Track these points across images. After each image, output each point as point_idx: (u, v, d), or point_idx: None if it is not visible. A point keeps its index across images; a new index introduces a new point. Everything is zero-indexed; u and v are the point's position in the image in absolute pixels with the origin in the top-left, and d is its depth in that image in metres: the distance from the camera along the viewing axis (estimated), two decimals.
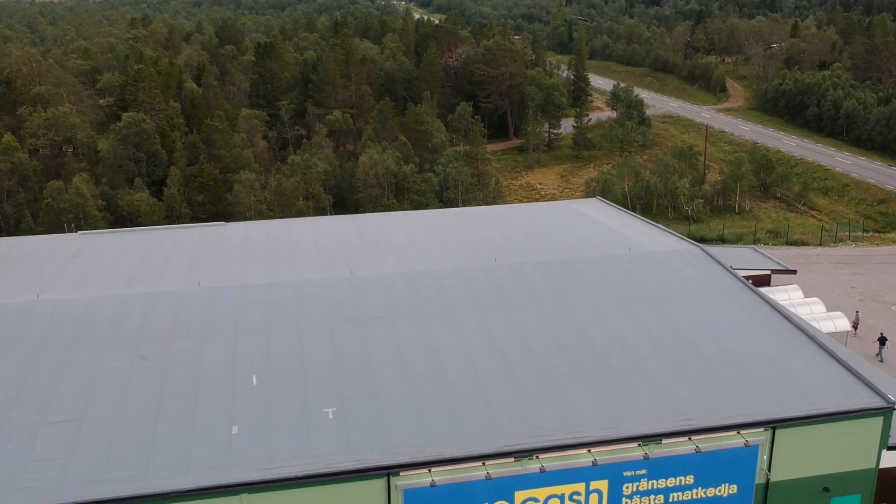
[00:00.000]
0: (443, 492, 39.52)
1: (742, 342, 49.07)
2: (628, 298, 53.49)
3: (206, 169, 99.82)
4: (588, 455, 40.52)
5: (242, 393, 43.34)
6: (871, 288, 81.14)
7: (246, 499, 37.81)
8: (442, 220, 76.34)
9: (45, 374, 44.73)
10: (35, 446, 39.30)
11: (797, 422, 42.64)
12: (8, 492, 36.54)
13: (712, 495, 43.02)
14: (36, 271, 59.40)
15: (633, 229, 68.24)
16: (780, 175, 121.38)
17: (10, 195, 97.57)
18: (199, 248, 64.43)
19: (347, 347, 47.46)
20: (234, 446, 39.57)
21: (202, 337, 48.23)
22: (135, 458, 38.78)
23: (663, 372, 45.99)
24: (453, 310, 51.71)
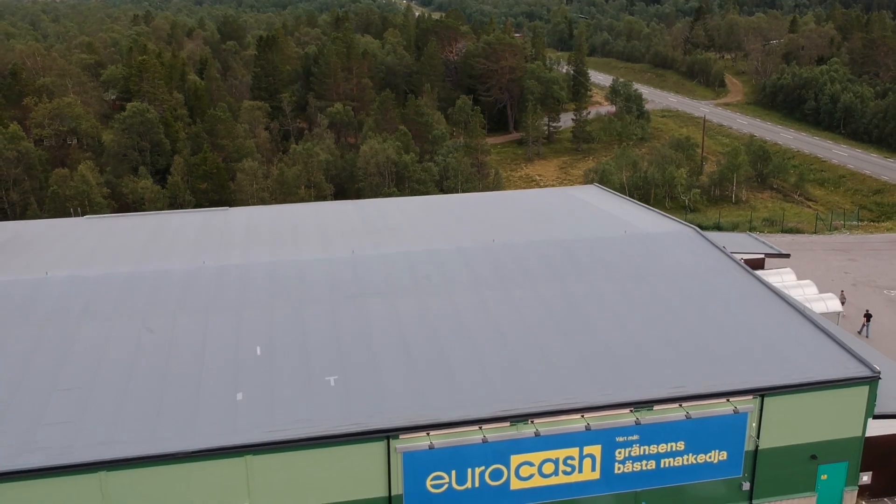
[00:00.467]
0: (441, 455, 40.86)
1: (732, 316, 50.35)
2: (622, 276, 54.72)
3: (209, 157, 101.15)
4: (581, 420, 41.83)
5: (246, 363, 44.65)
6: (864, 273, 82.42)
7: (250, 460, 39.16)
8: (441, 204, 77.63)
9: (55, 345, 46.01)
10: (47, 411, 40.65)
11: (785, 390, 43.93)
12: (22, 452, 37.90)
13: (703, 461, 44.31)
14: (44, 251, 60.71)
15: (629, 213, 69.50)
16: (776, 166, 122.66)
17: (17, 183, 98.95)
18: (204, 231, 65.70)
19: (348, 321, 48.72)
20: (239, 411, 40.90)
21: (207, 312, 49.51)
22: (142, 421, 40.12)
23: (655, 344, 47.28)
24: (452, 287, 52.96)
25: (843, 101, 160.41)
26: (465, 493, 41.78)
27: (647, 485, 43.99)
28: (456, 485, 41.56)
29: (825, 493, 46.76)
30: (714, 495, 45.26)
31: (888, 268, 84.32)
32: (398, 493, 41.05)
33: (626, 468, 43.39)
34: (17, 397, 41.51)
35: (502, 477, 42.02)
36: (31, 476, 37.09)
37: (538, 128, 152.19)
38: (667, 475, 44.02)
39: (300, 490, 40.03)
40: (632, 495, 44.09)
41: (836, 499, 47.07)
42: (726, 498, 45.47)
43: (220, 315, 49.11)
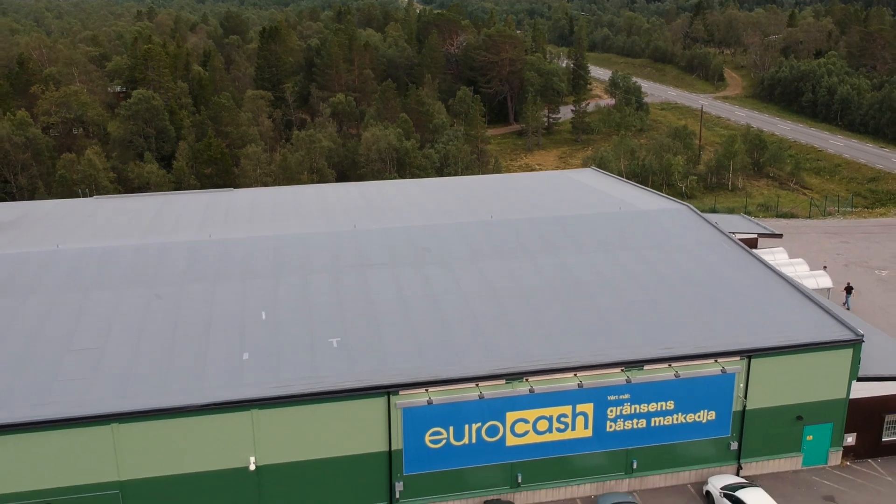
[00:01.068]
0: (439, 411, 42.50)
1: (722, 284, 51.94)
2: (616, 248, 56.30)
3: (213, 143, 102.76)
4: (574, 379, 43.47)
5: (252, 326, 46.29)
6: (857, 254, 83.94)
7: (256, 414, 40.80)
8: (441, 185, 79.23)
9: (67, 311, 47.63)
10: (61, 369, 42.31)
11: (771, 352, 45.54)
12: (37, 405, 39.57)
13: (692, 421, 45.93)
14: (54, 227, 62.37)
15: (625, 193, 71.05)
16: (772, 154, 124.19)
17: (25, 168, 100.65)
18: (209, 209, 67.30)
19: (350, 289, 50.32)
20: (245, 369, 42.55)
21: (214, 280, 51.12)
22: (152, 378, 41.78)
23: (646, 309, 48.89)
24: (450, 258, 54.55)
25: (840, 93, 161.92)
26: (463, 448, 43.40)
27: (638, 443, 45.60)
28: (454, 440, 43.18)
29: (811, 454, 48.37)
30: (703, 455, 46.86)
31: (880, 249, 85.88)
32: (398, 447, 42.68)
33: (617, 426, 44.99)
34: (32, 357, 43.15)
35: (498, 433, 43.63)
36: (49, 427, 38.78)
37: (538, 118, 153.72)
38: (657, 434, 45.62)
39: (304, 444, 41.64)
40: (623, 453, 45.70)
41: (822, 459, 48.68)
42: (715, 457, 47.08)
43: (226, 283, 50.72)
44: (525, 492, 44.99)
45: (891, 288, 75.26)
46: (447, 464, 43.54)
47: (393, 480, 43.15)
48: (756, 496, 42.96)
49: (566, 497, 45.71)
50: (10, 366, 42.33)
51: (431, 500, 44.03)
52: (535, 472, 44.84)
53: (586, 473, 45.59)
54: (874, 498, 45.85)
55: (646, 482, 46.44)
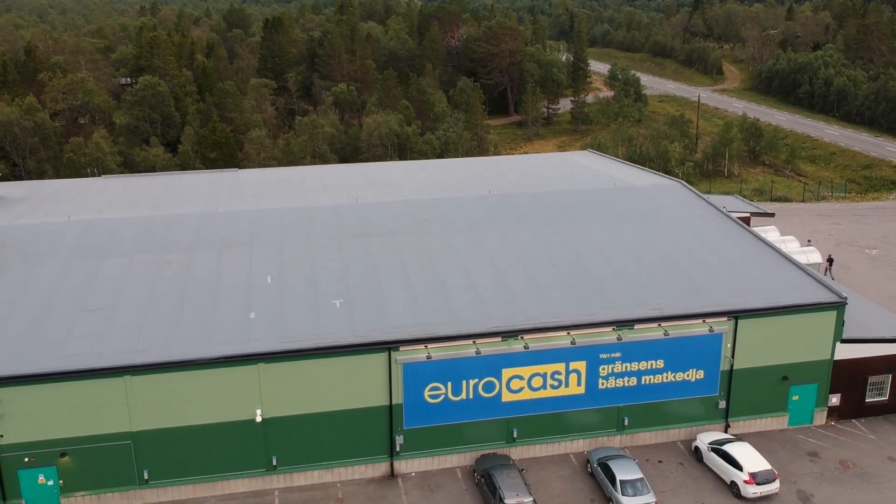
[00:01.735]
0: (438, 366, 44.27)
1: (711, 251, 53.75)
2: (610, 220, 58.10)
3: (218, 127, 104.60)
4: (567, 337, 45.24)
5: (258, 289, 48.11)
6: (848, 235, 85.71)
7: (263, 368, 42.60)
8: (441, 165, 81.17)
9: (80, 275, 49.45)
10: (75, 327, 44.13)
11: (757, 313, 47.31)
12: (53, 358, 41.41)
13: (681, 379, 47.69)
14: (64, 202, 64.14)
15: (621, 171, 72.83)
16: (768, 142, 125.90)
17: (33, 152, 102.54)
18: (215, 186, 69.13)
19: (353, 255, 52.13)
20: (252, 327, 44.36)
21: (221, 247, 52.95)
22: (163, 335, 43.60)
23: (638, 274, 50.69)
24: (449, 228, 56.37)
25: (837, 85, 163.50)
26: (461, 403, 45.18)
27: (630, 400, 47.36)
28: (452, 395, 44.95)
29: (796, 414, 50.12)
30: (692, 413, 48.62)
31: (870, 230, 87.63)
32: (398, 402, 44.46)
33: (609, 384, 46.75)
34: (47, 316, 44.97)
35: (494, 389, 45.40)
36: (64, 378, 40.57)
37: (537, 109, 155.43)
38: (647, 392, 47.38)
39: (308, 398, 43.42)
40: (615, 410, 47.46)
41: (807, 419, 50.43)
42: (704, 416, 48.84)
43: (233, 250, 52.55)
44: (520, 447, 46.75)
45: (879, 266, 77.03)
46: (446, 418, 45.30)
47: (394, 434, 44.92)
48: (743, 450, 44.72)
49: (560, 452, 47.49)
50: (26, 323, 44.17)
51: (430, 454, 45.79)
52: (530, 428, 46.61)
53: (579, 430, 47.36)
54: (856, 454, 47.64)
55: (637, 439, 48.22)
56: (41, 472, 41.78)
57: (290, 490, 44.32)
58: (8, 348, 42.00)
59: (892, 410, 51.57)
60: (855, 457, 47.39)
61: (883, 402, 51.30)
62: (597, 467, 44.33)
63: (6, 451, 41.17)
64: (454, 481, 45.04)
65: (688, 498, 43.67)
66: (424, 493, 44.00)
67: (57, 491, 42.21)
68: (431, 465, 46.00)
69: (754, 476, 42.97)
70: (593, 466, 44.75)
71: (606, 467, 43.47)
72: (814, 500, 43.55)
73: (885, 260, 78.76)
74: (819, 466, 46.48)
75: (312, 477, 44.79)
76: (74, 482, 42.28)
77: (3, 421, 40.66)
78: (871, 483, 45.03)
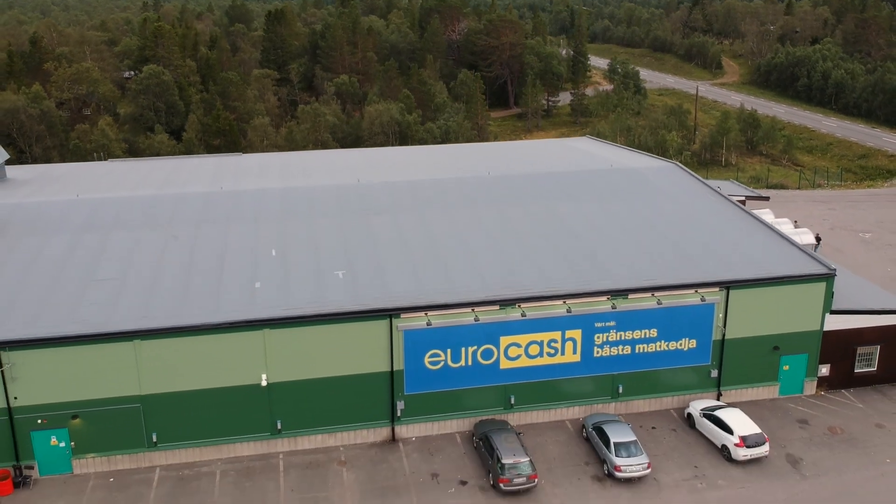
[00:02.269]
0: (437, 334, 45.63)
1: (704, 227, 55.11)
2: (606, 198, 59.42)
3: (222, 115, 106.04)
4: (563, 306, 46.59)
5: (263, 261, 49.48)
6: (842, 219, 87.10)
7: (268, 334, 43.95)
8: (442, 150, 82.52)
9: (89, 248, 50.79)
10: (85, 296, 45.51)
11: (748, 283, 48.66)
12: (65, 323, 42.79)
13: (674, 348, 49.03)
14: (73, 182, 65.46)
15: (618, 154, 74.14)
16: (765, 132, 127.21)
17: (39, 139, 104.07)
18: (220, 168, 70.46)
19: (354, 230, 53.48)
20: (258, 295, 45.74)
21: (226, 223, 54.28)
22: (171, 302, 44.98)
23: (632, 247, 52.07)
24: (449, 205, 57.69)
25: (835, 78, 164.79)
26: (460, 370, 46.55)
27: (624, 368, 48.71)
28: (451, 362, 46.32)
29: (787, 383, 51.47)
30: (685, 382, 49.98)
31: (864, 215, 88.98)
32: (399, 368, 45.83)
33: (604, 352, 48.11)
34: (58, 286, 46.33)
35: (492, 356, 46.76)
36: (76, 342, 41.96)
37: (537, 100, 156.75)
38: (641, 360, 48.74)
39: (312, 363, 44.78)
40: (609, 378, 48.81)
41: (798, 389, 51.79)
42: (696, 384, 50.21)
43: (238, 225, 53.89)
44: (518, 413, 48.12)
45: (872, 249, 78.39)
46: (445, 385, 46.66)
47: (395, 399, 46.30)
48: (733, 415, 46.08)
49: (556, 419, 48.87)
50: (38, 292, 45.55)
51: (431, 419, 47.15)
52: (527, 395, 47.97)
53: (575, 397, 48.73)
54: (844, 421, 49.00)
55: (631, 406, 49.58)
56: (53, 433, 43.17)
57: (294, 454, 45.69)
58: (21, 314, 43.42)
59: (881, 381, 52.95)
60: (843, 424, 48.75)
61: (871, 373, 52.65)
62: (592, 431, 45.67)
63: (20, 413, 42.56)
64: (453, 445, 46.42)
65: (680, 461, 45.01)
66: (424, 456, 45.38)
67: (68, 452, 43.59)
68: (431, 431, 47.37)
69: (744, 439, 44.32)
70: (588, 431, 46.10)
71: (601, 431, 44.82)
72: (802, 463, 44.89)
73: (878, 243, 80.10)
74: (808, 432, 47.83)
75: (316, 441, 46.16)
76: (85, 444, 43.67)
77: (17, 383, 42.04)
78: (859, 448, 46.37)
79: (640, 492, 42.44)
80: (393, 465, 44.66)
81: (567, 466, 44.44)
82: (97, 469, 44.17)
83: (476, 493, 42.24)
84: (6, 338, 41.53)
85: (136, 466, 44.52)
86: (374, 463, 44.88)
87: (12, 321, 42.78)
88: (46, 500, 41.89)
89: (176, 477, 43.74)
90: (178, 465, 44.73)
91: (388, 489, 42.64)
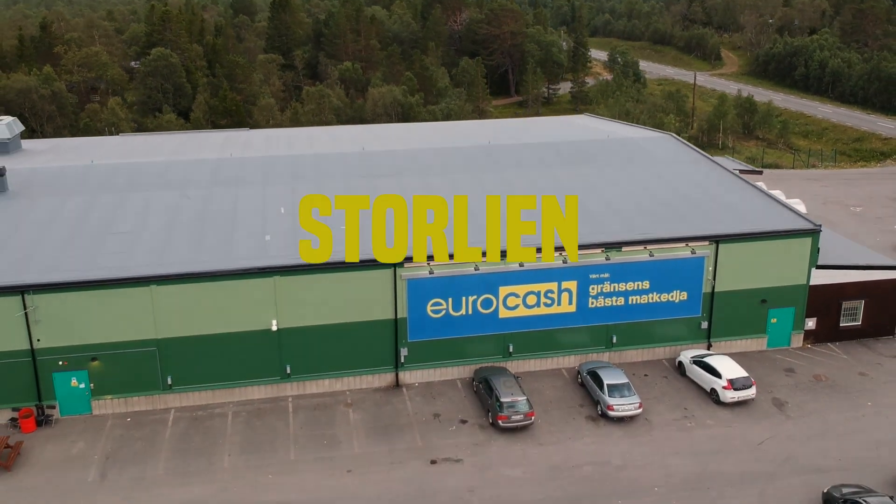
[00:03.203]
0: (439, 283, 47.80)
1: (696, 189, 57.24)
2: (602, 164, 61.53)
3: (229, 96, 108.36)
4: (559, 257, 48.71)
5: (272, 217, 51.67)
6: (835, 195, 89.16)
7: (279, 281, 46.15)
8: (443, 126, 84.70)
9: (105, 207, 52.93)
10: (103, 246, 47.73)
11: (737, 238, 50.84)
12: (85, 269, 45.01)
13: (665, 300, 51.20)
14: (86, 152, 67.60)
15: (615, 128, 76.28)
16: (762, 117, 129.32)
17: (50, 119, 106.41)
18: (228, 140, 72.63)
19: (359, 191, 55.56)
20: (268, 247, 47.95)
21: (236, 185, 56.42)
22: (186, 252, 47.20)
23: (626, 206, 54.23)
24: (450, 170, 59.81)
25: (832, 67, 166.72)
26: (460, 318, 48.72)
27: (617, 319, 50.89)
28: (452, 311, 48.50)
29: (775, 336, 53.61)
30: (677, 333, 52.16)
31: (856, 191, 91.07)
32: (403, 316, 48.01)
33: (598, 303, 50.28)
34: (77, 239, 48.52)
35: (492, 306, 48.94)
36: (96, 286, 44.20)
37: (538, 86, 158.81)
38: (634, 311, 50.90)
39: (320, 310, 46.96)
40: (604, 328, 50.99)
41: (785, 341, 53.93)
42: (687, 335, 52.37)
43: (248, 187, 56.04)
44: (516, 361, 50.30)
45: (863, 222, 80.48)
46: (446, 332, 48.84)
47: (398, 346, 48.50)
48: (722, 361, 48.26)
49: (553, 367, 51.07)
50: (58, 243, 47.78)
51: (433, 366, 49.35)
52: (525, 343, 50.16)
53: (571, 346, 50.91)
54: (829, 370, 51.17)
55: (624, 356, 51.74)
56: (74, 375, 45.39)
57: (302, 397, 47.91)
58: (44, 261, 45.69)
59: (866, 335, 55.06)
60: (828, 372, 50.92)
61: (856, 327, 54.77)
62: (586, 376, 47.86)
63: (42, 355, 44.79)
64: (454, 390, 48.63)
65: (671, 404, 47.19)
66: (427, 399, 47.59)
67: (88, 394, 45.82)
68: (433, 377, 49.60)
69: (732, 382, 46.49)
70: (583, 376, 48.29)
71: (595, 375, 47.00)
72: (788, 405, 47.06)
73: (868, 216, 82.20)
74: (794, 380, 50.00)
75: (323, 385, 48.39)
76: (104, 386, 45.90)
77: (39, 326, 44.26)
78: (842, 393, 48.54)
79: (631, 429, 44.65)
80: (397, 407, 46.87)
81: (562, 408, 46.64)
82: (115, 410, 46.41)
83: (476, 431, 44.45)
84: (30, 281, 43.76)
85: (151, 408, 46.76)
86: (378, 405, 47.09)
87: (35, 267, 45.02)
88: (68, 438, 44.10)
89: (190, 417, 45.96)
90: (191, 408, 46.95)
91: (391, 427, 44.85)
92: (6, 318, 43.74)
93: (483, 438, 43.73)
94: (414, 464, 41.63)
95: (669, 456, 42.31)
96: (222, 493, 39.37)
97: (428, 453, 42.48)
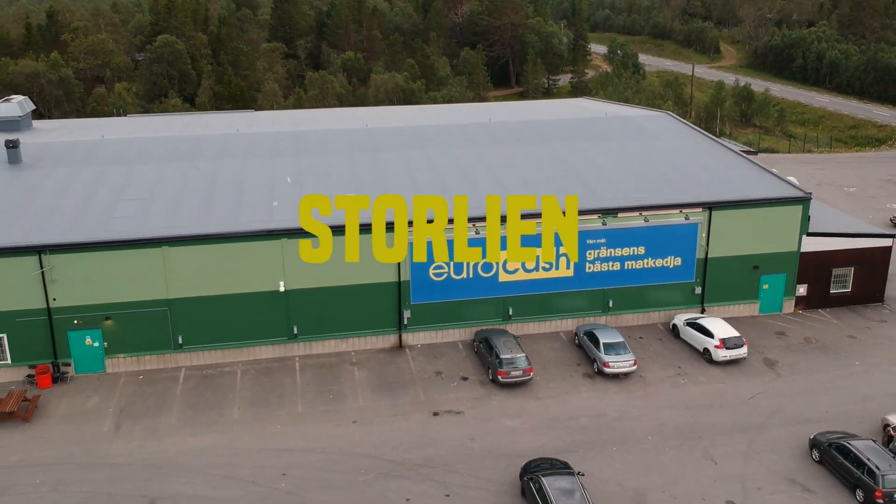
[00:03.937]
0: None
1: (691, 161, 58.81)
2: (600, 139, 63.06)
3: (233, 82, 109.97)
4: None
5: (279, 186, 53.24)
6: (829, 177, 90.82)
7: (286, 243, 47.72)
8: (444, 108, 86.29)
9: (117, 177, 54.45)
10: (116, 211, 49.33)
11: (730, 205, 52.44)
12: (99, 232, 46.63)
13: (660, 266, 52.80)
14: (96, 129, 69.20)
15: (614, 108, 77.86)
16: (759, 105, 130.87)
17: (58, 104, 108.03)
18: (235, 120, 74.20)
19: (363, 165, 57.14)
20: (275, 212, 49.55)
21: (243, 158, 57.98)
22: (196, 216, 48.77)
23: (622, 176, 55.83)
24: (451, 145, 61.35)
25: (829, 58, 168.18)
26: (462, 282, 50.32)
27: (614, 284, 52.49)
28: (454, 274, 50.11)
29: (767, 301, 55.20)
30: (671, 298, 53.75)
31: (850, 173, 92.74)
32: (406, 279, 49.61)
33: (595, 268, 51.88)
34: (91, 204, 50.07)
35: (492, 270, 50.54)
36: (110, 247, 45.81)
37: (538, 77, 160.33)
38: (630, 276, 52.51)
39: (326, 272, 48.53)
40: (601, 293, 52.59)
41: (777, 307, 55.52)
42: (682, 300, 53.98)
43: (255, 160, 57.60)
44: (515, 324, 51.90)
45: (855, 200, 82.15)
46: (448, 296, 50.45)
47: (402, 308, 50.09)
48: (715, 322, 49.83)
49: (551, 330, 52.68)
50: (73, 208, 49.37)
51: (435, 328, 50.95)
52: (525, 307, 51.77)
53: (568, 310, 52.49)
54: (819, 333, 52.78)
55: (620, 320, 53.34)
56: (88, 334, 47.03)
57: (309, 357, 49.53)
58: (60, 223, 47.30)
59: (855, 301, 56.62)
60: (818, 335, 52.53)
61: (846, 294, 56.35)
62: (583, 336, 49.47)
63: (58, 314, 46.40)
64: (455, 351, 50.26)
65: (665, 363, 48.80)
66: (429, 359, 49.21)
67: (102, 352, 47.46)
68: (435, 339, 51.20)
69: (724, 341, 48.09)
70: (580, 337, 49.90)
71: (591, 335, 48.61)
72: (778, 365, 48.66)
73: (860, 196, 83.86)
74: (785, 342, 51.60)
75: (329, 346, 50.00)
76: (117, 345, 47.54)
77: (56, 285, 45.88)
78: (831, 353, 50.14)
79: (627, 385, 46.26)
80: (400, 366, 48.49)
81: (560, 367, 48.26)
82: (128, 368, 48.06)
83: (476, 387, 46.07)
84: (47, 242, 45.40)
85: (163, 367, 48.39)
86: (382, 364, 48.71)
87: (52, 228, 46.65)
88: (82, 394, 45.72)
89: (200, 375, 47.59)
90: (202, 366, 48.56)
91: (395, 384, 46.47)
92: (24, 277, 45.35)
93: (483, 393, 45.34)
94: (417, 416, 43.23)
95: (663, 409, 43.90)
96: (233, 442, 40.98)
97: (430, 406, 44.10)
